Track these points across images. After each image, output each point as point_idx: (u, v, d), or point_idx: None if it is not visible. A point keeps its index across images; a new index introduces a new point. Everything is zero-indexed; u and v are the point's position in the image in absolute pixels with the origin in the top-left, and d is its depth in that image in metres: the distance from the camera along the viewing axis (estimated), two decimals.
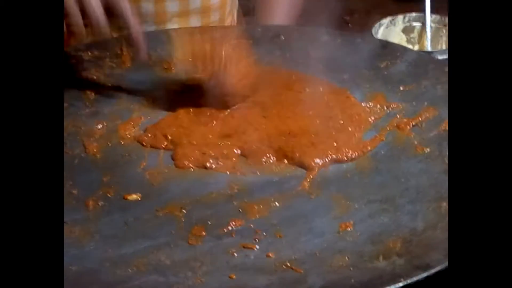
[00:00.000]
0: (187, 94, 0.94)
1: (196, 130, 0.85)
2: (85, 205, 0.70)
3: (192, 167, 0.78)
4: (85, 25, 0.86)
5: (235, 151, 0.80)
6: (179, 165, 0.78)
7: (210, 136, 0.84)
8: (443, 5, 1.24)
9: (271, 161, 0.79)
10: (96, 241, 0.64)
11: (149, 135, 0.84)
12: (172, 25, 1.22)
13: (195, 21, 1.25)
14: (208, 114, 0.88)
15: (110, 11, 0.86)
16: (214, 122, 0.87)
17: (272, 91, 0.93)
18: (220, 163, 0.78)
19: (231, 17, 1.35)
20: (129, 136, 0.85)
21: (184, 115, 0.89)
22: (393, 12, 1.23)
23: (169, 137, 0.83)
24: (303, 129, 0.84)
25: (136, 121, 0.88)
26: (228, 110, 0.88)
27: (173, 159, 0.80)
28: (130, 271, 0.59)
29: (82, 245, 0.63)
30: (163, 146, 0.82)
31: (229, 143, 0.82)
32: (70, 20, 0.85)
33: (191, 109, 0.90)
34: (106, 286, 0.56)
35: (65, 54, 1.02)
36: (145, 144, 0.83)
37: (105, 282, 0.57)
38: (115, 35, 1.01)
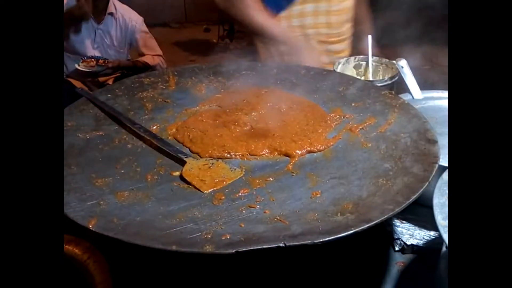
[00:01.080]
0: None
1: (208, 133, 0.82)
2: (145, 178, 0.70)
3: (213, 157, 0.76)
4: None
5: (242, 148, 0.78)
6: (202, 156, 0.77)
7: (220, 134, 0.82)
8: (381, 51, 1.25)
9: (267, 153, 0.78)
10: (152, 201, 0.64)
11: (179, 135, 0.83)
12: None
13: None
14: (218, 121, 0.87)
15: None
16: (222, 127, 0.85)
17: (267, 106, 0.92)
18: (232, 154, 0.77)
19: None
20: (173, 134, 0.84)
21: (201, 121, 0.87)
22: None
23: (190, 136, 0.82)
24: (288, 132, 0.83)
25: (178, 124, 0.87)
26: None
27: (193, 152, 0.78)
28: (174, 221, 0.59)
29: (143, 204, 0.63)
30: (186, 143, 0.81)
31: (235, 143, 0.80)
32: None
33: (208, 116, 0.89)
34: (159, 230, 0.56)
35: (132, 79, 1.02)
36: (178, 140, 0.82)
37: (159, 228, 0.57)
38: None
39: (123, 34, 2.05)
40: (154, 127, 0.86)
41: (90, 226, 0.55)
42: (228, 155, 0.77)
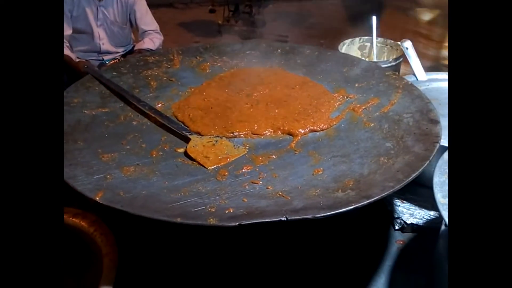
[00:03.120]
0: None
1: (208, 113, 0.83)
2: (151, 154, 0.71)
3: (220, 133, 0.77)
4: None
5: (245, 128, 0.79)
6: (202, 135, 0.77)
7: (219, 114, 0.82)
8: (384, 32, 1.25)
9: (270, 132, 0.79)
10: (157, 176, 0.65)
11: (179, 114, 0.83)
12: None
13: None
14: (220, 100, 0.87)
15: None
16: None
17: (271, 86, 0.92)
18: (235, 133, 0.78)
19: None
20: (174, 113, 0.85)
21: (202, 100, 0.87)
22: (352, 36, 1.22)
23: (190, 116, 0.82)
24: (291, 111, 0.83)
25: (183, 102, 0.88)
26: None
27: (193, 131, 0.78)
28: (179, 195, 0.60)
29: (149, 178, 0.64)
30: (187, 122, 0.81)
31: (237, 123, 0.80)
32: None
33: (209, 96, 0.89)
34: (164, 204, 0.57)
35: (137, 57, 1.03)
36: (178, 119, 0.82)
37: (164, 202, 0.58)
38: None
39: (123, 8, 2.04)
40: (159, 105, 0.87)
41: (97, 199, 0.57)
42: (231, 134, 0.77)
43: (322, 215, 0.53)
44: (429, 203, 0.83)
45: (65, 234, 0.60)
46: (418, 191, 0.84)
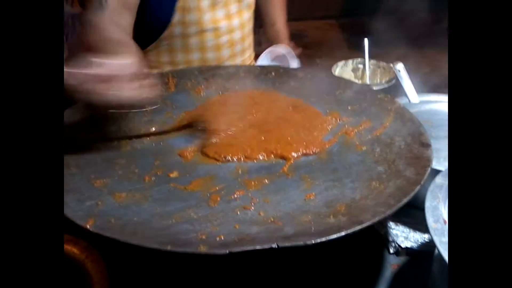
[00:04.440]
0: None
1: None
2: (143, 179, 0.71)
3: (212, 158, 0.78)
4: None
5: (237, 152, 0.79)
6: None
7: (215, 140, 0.82)
8: (377, 54, 1.26)
9: (263, 156, 0.78)
10: (149, 202, 0.65)
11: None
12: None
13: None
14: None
15: None
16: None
17: (264, 108, 0.92)
18: (228, 157, 0.78)
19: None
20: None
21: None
22: (346, 58, 1.23)
23: None
24: (283, 134, 0.83)
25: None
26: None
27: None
28: (171, 221, 0.60)
29: (140, 204, 0.64)
30: None
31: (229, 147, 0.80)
32: None
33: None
34: (155, 231, 0.57)
35: None
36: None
37: (155, 228, 0.58)
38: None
39: None
40: (153, 129, 0.87)
41: (88, 226, 0.57)
42: (224, 159, 0.77)
43: (313, 242, 0.53)
44: (424, 225, 0.82)
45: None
46: (412, 213, 0.84)
